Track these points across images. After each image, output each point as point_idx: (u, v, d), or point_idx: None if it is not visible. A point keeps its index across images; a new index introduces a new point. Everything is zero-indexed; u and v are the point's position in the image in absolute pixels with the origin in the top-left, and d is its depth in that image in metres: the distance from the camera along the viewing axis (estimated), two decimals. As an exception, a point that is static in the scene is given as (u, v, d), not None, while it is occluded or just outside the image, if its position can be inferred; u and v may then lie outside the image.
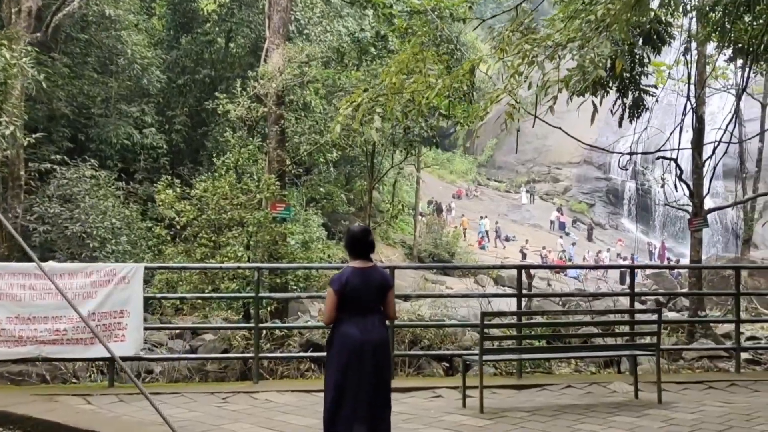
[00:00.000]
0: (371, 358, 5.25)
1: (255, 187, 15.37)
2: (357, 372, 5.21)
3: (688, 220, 17.21)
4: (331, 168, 26.39)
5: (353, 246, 5.46)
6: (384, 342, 5.42)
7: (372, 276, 5.43)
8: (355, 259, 5.45)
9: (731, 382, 8.91)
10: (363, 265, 5.43)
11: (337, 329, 5.36)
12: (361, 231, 5.56)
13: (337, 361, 5.28)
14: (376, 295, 5.43)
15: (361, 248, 5.45)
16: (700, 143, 16.58)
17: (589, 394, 8.31)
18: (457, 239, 40.29)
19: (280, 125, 15.79)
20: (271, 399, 8.08)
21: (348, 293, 5.28)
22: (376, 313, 5.44)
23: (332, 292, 5.32)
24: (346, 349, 5.26)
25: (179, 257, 15.06)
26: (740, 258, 23.83)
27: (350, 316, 5.32)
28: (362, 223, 5.99)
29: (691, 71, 16.81)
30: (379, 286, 5.44)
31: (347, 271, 5.39)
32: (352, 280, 5.31)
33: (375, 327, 5.35)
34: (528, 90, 11.14)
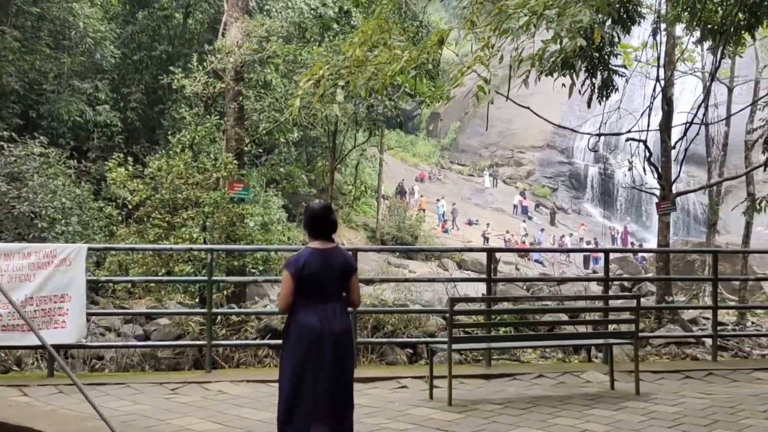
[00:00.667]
0: (332, 350, 4.71)
1: (212, 166, 14.70)
2: (316, 365, 4.67)
3: (656, 203, 16.95)
4: (292, 149, 25.72)
5: (313, 224, 4.92)
6: (346, 331, 4.87)
7: (333, 258, 4.88)
8: (314, 239, 4.91)
9: (708, 371, 8.56)
10: (324, 246, 4.89)
11: (294, 317, 4.80)
12: (322, 208, 4.99)
13: (294, 353, 4.73)
14: (337, 280, 4.89)
15: (322, 227, 4.90)
16: (669, 125, 16.31)
17: (562, 385, 7.89)
18: (420, 222, 39.89)
19: (239, 102, 15.12)
20: (224, 390, 7.52)
21: (306, 277, 4.74)
22: (337, 299, 4.91)
23: (288, 276, 4.76)
24: (304, 339, 4.71)
25: (131, 238, 14.37)
26: (707, 243, 23.73)
27: (309, 303, 4.77)
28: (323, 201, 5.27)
29: (660, 52, 16.51)
30: (341, 270, 4.90)
31: (305, 253, 4.85)
32: (310, 263, 4.77)
33: (336, 315, 4.81)
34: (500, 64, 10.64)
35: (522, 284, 19.84)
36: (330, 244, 4.93)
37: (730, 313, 21.27)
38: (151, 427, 6.12)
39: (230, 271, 14.63)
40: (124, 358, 10.47)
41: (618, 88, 15.86)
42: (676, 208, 17.25)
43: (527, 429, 6.02)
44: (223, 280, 11.43)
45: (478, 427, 6.08)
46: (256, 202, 23.18)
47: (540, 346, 8.34)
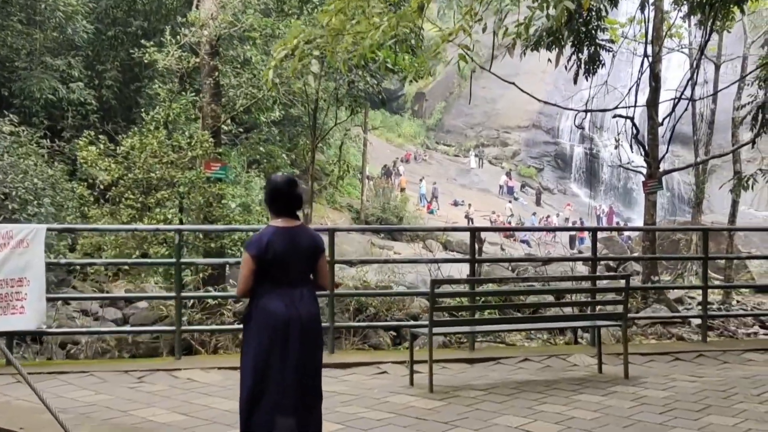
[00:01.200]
0: (299, 337, 4.28)
1: (187, 145, 14.22)
2: (281, 355, 4.25)
3: (643, 182, 16.66)
4: (273, 128, 25.19)
5: (275, 200, 4.45)
6: (314, 318, 4.43)
7: (300, 237, 4.44)
8: (277, 216, 4.45)
9: (698, 353, 8.25)
10: (288, 224, 4.44)
11: (257, 302, 4.36)
12: (285, 181, 4.52)
13: (257, 341, 4.29)
14: (305, 261, 4.45)
15: (285, 203, 4.45)
16: (656, 102, 15.96)
17: (548, 369, 7.55)
18: (405, 203, 39.50)
19: (214, 78, 14.59)
20: (193, 378, 7.12)
21: (269, 259, 4.29)
22: (304, 283, 4.46)
23: (249, 258, 4.30)
24: (267, 327, 4.28)
25: (104, 220, 13.90)
26: (693, 222, 23.50)
27: (273, 287, 4.33)
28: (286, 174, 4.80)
29: (648, 27, 16.13)
30: (308, 250, 4.46)
31: (268, 232, 4.39)
32: (274, 243, 4.32)
33: (304, 299, 4.37)
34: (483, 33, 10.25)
35: (507, 265, 19.59)
36: (295, 221, 4.48)
37: (716, 291, 21.11)
38: (110, 420, 5.72)
39: (207, 253, 14.21)
40: (98, 342, 10.11)
41: (605, 63, 15.51)
42: (662, 187, 16.94)
43: (511, 417, 5.67)
44: (192, 262, 10.95)
45: (459, 416, 5.72)
46: (237, 183, 22.70)
47: (526, 329, 7.98)
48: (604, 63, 15.44)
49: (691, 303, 19.19)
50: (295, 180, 4.63)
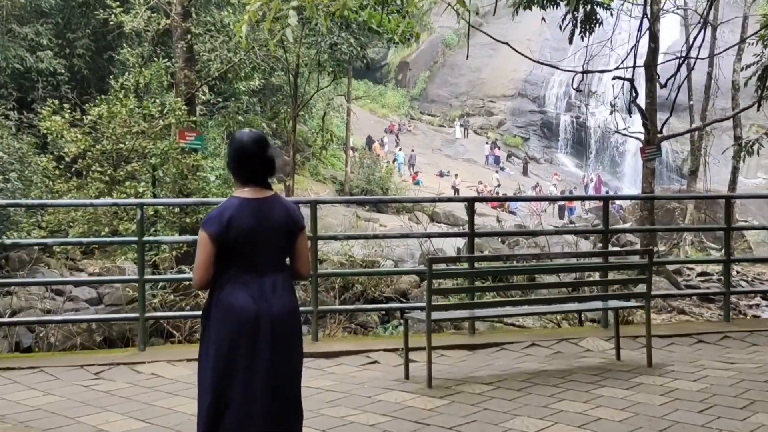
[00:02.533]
0: (270, 340, 3.39)
1: (159, 113, 13.24)
2: (248, 359, 3.37)
3: (641, 148, 15.91)
4: (252, 98, 24.15)
5: (241, 163, 3.52)
6: (290, 314, 3.52)
7: (272, 211, 3.51)
8: (244, 184, 3.52)
9: (723, 334, 7.44)
10: (257, 194, 3.51)
11: (217, 295, 3.46)
12: (254, 139, 3.56)
13: (217, 345, 3.41)
14: (278, 242, 3.52)
15: (254, 167, 3.52)
16: (655, 63, 15.13)
17: (558, 355, 6.74)
18: (391, 175, 38.60)
19: (187, 41, 13.58)
20: (158, 373, 6.26)
21: (232, 239, 3.39)
22: (278, 269, 3.55)
23: (206, 238, 3.39)
24: (231, 326, 3.39)
25: (70, 194, 12.94)
26: (688, 190, 22.78)
27: (237, 275, 3.44)
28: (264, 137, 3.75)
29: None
30: (283, 228, 3.53)
31: (231, 205, 3.46)
32: (238, 219, 3.40)
33: (277, 291, 3.47)
34: None
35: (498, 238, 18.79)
36: (266, 191, 3.54)
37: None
38: (54, 430, 4.85)
39: (183, 229, 13.32)
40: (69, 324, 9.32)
41: (602, 22, 14.64)
42: (661, 153, 16.19)
43: (526, 418, 4.85)
44: (157, 241, 10.08)
45: (465, 418, 4.90)
46: (215, 155, 21.75)
47: (536, 313, 7.15)
48: (602, 21, 14.58)
49: (690, 274, 18.52)
50: (266, 138, 3.68)
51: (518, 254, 6.43)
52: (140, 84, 14.09)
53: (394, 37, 14.70)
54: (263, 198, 3.52)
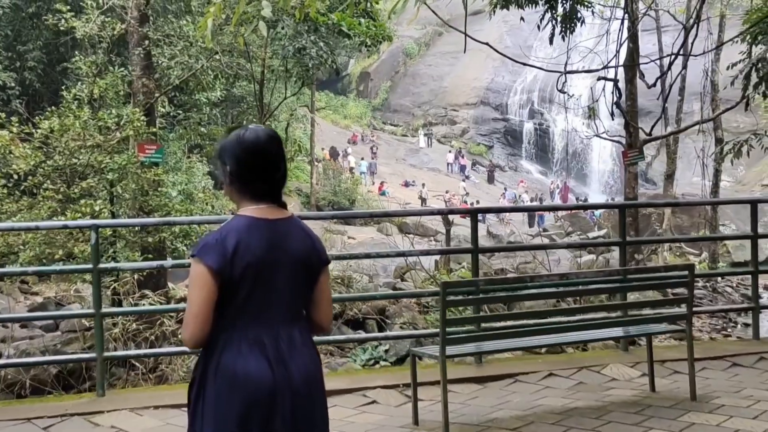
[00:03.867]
0: (291, 421, 2.51)
1: (115, 125, 12.27)
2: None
3: (623, 152, 15.28)
4: (214, 109, 23.18)
5: (255, 170, 2.60)
6: (316, 383, 2.64)
7: (289, 237, 2.61)
8: (252, 200, 2.61)
9: (758, 356, 6.64)
10: (271, 214, 2.60)
11: (217, 359, 2.51)
12: (271, 137, 2.65)
13: (217, 428, 2.48)
14: (298, 280, 2.61)
15: (273, 176, 2.63)
16: (635, 63, 14.55)
17: (582, 387, 5.93)
18: (357, 185, 37.80)
19: (145, 48, 12.64)
20: (118, 426, 5.29)
21: (239, 274, 2.47)
22: (295, 319, 2.63)
23: (204, 273, 2.46)
24: (240, 404, 2.47)
25: (20, 215, 11.90)
26: (664, 195, 22.33)
27: (245, 328, 2.52)
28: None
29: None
30: (304, 260, 2.63)
31: (236, 226, 2.54)
32: (247, 245, 2.49)
33: (296, 350, 2.57)
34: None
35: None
36: (281, 212, 2.64)
37: (699, 269, 19.97)
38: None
39: (145, 249, 12.35)
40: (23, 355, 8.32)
41: (584, 21, 14.03)
42: (644, 157, 15.61)
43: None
44: (114, 269, 8.96)
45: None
46: (177, 169, 20.75)
47: (568, 342, 6.32)
48: (583, 20, 13.97)
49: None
50: (279, 137, 2.76)
51: (543, 275, 5.65)
52: (95, 94, 13.10)
53: (366, 40, 13.99)
54: (279, 219, 2.60)
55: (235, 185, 2.62)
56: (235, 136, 2.64)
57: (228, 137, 2.67)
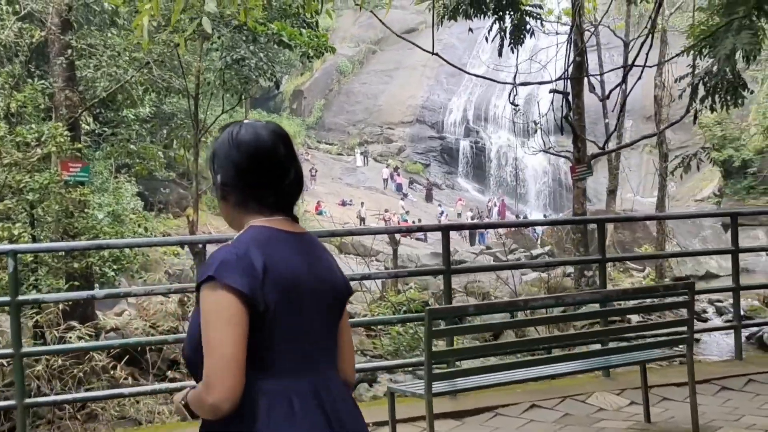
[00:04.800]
0: None
1: (35, 140, 11.25)
2: None
3: (570, 167, 15.00)
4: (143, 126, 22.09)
5: (252, 174, 1.99)
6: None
7: (318, 257, 2.03)
8: (257, 215, 2.00)
9: (746, 378, 6.18)
10: (289, 227, 2.01)
11: (259, 425, 1.81)
12: (270, 135, 2.01)
13: None
14: (332, 314, 2.03)
15: (275, 181, 2.01)
16: (582, 77, 14.27)
17: (569, 419, 5.31)
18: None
19: (68, 57, 11.68)
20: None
21: (275, 302, 1.84)
22: (334, 363, 2.03)
23: (230, 301, 1.80)
24: None
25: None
26: (606, 210, 22.17)
27: (284, 377, 1.86)
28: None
29: None
30: (336, 288, 2.04)
31: (258, 237, 1.93)
32: (276, 263, 1.88)
33: (348, 406, 1.98)
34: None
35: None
36: (299, 226, 2.06)
37: (644, 283, 19.76)
38: None
39: (70, 276, 11.35)
40: None
41: (534, 32, 13.66)
42: (592, 173, 15.30)
43: None
44: (36, 300, 7.87)
45: None
46: (104, 190, 19.61)
47: (567, 373, 5.67)
48: (533, 32, 13.60)
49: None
50: (287, 134, 2.11)
51: (537, 297, 5.02)
52: (12, 108, 12.04)
53: (309, 51, 13.29)
54: (301, 234, 2.03)
55: (233, 199, 2.01)
56: (228, 135, 2.03)
57: (218, 138, 2.07)
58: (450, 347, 5.28)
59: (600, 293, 5.38)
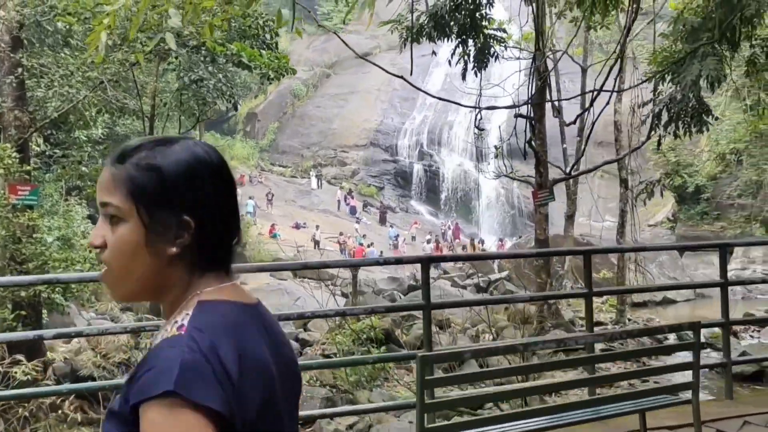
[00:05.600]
0: None
1: (-20, 162, 10.72)
2: None
3: (533, 192, 14.94)
4: (96, 148, 21.45)
5: (222, 211, 1.41)
6: None
7: (279, 333, 1.46)
8: (205, 273, 1.40)
9: (741, 420, 5.94)
10: (242, 295, 1.43)
11: None
12: (221, 160, 1.45)
13: None
14: (296, 405, 1.46)
15: (236, 220, 1.45)
16: (543, 102, 14.22)
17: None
18: (248, 228, 36.31)
19: (17, 75, 11.18)
20: None
21: (255, 417, 1.28)
22: None
23: (200, 428, 1.19)
24: None
25: None
26: (565, 236, 22.18)
27: None
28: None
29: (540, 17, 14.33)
30: (296, 374, 1.49)
31: (223, 323, 1.32)
32: (251, 358, 1.31)
33: None
34: None
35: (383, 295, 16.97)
36: (248, 292, 1.47)
37: (605, 309, 19.72)
38: None
39: (17, 304, 10.81)
40: None
41: (498, 56, 13.56)
42: (554, 198, 15.23)
43: None
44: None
45: None
46: (54, 213, 18.90)
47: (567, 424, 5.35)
48: (497, 56, 13.50)
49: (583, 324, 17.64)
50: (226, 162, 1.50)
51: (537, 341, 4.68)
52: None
53: (269, 72, 12.97)
54: (256, 305, 1.47)
55: (182, 250, 1.38)
56: (190, 155, 1.40)
57: (163, 155, 1.40)
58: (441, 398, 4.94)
59: (604, 335, 5.10)
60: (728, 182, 29.69)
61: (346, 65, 63.23)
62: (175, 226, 1.35)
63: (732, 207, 29.87)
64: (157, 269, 1.37)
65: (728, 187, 29.67)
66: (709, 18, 11.82)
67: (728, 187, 29.67)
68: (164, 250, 1.36)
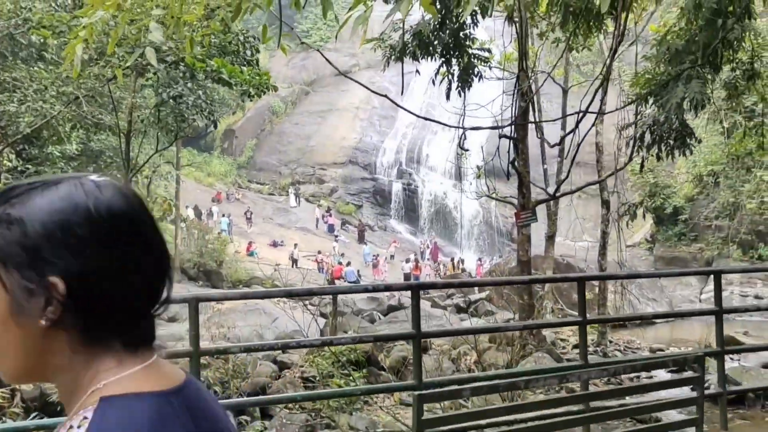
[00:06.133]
0: None
1: (-50, 179, 10.38)
2: None
3: (515, 213, 14.77)
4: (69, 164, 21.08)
5: (124, 272, 1.09)
6: None
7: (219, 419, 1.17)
8: (118, 351, 1.11)
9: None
10: (166, 379, 1.13)
11: None
12: (139, 205, 1.14)
13: None
14: None
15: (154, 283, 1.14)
16: (526, 122, 14.10)
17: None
18: (225, 246, 35.93)
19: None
20: None
21: None
22: None
23: None
24: None
25: None
26: (546, 256, 22.06)
27: None
28: None
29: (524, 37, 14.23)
30: None
31: (146, 424, 1.02)
32: None
33: None
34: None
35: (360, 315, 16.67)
36: (175, 370, 1.18)
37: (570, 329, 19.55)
38: None
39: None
40: None
41: (482, 75, 13.44)
42: (537, 219, 15.10)
43: None
44: None
45: None
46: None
47: None
48: (481, 75, 13.37)
49: (565, 346, 17.48)
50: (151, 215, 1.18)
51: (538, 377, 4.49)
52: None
53: (250, 89, 12.75)
54: (184, 387, 1.15)
55: (74, 324, 1.10)
56: (69, 203, 1.09)
57: (32, 204, 1.09)
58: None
59: (608, 369, 4.90)
60: (705, 204, 29.85)
61: (325, 83, 63.23)
62: (42, 290, 1.08)
63: (709, 228, 30.02)
64: (32, 345, 1.11)
65: (705, 208, 29.83)
66: (693, 41, 11.78)
67: (705, 208, 29.83)
68: (34, 321, 1.09)
